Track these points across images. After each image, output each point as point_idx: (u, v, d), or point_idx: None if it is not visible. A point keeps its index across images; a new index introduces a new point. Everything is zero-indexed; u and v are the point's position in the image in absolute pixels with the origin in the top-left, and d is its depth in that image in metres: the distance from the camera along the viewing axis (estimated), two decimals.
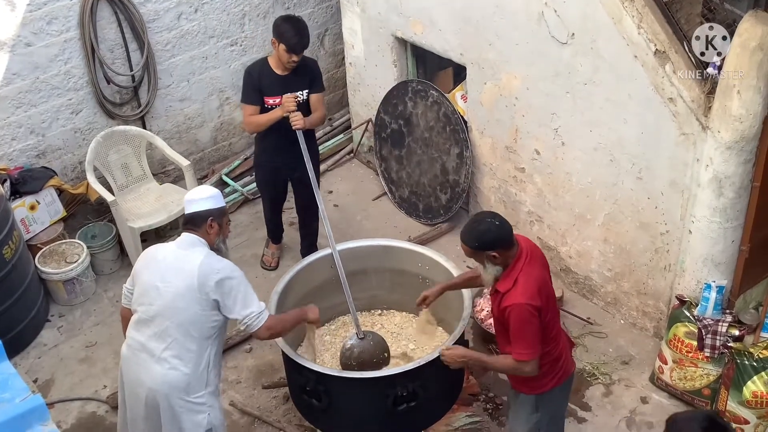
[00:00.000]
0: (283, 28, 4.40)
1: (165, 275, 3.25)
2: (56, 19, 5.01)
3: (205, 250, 3.27)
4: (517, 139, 4.85)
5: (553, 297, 3.32)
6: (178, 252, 3.28)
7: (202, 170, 6.10)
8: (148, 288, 3.29)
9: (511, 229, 3.21)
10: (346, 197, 5.93)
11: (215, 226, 3.32)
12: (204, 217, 3.29)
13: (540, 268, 3.27)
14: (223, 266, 3.24)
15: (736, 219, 3.90)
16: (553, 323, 3.31)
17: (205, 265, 3.21)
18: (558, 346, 3.34)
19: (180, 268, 3.23)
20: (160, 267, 3.28)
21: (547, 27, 4.30)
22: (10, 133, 5.09)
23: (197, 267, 3.20)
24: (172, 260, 3.27)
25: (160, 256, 3.32)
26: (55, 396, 4.46)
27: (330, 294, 4.34)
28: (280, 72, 4.54)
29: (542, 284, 3.22)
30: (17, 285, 4.63)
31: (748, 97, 3.55)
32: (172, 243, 3.36)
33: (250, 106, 4.57)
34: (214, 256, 3.28)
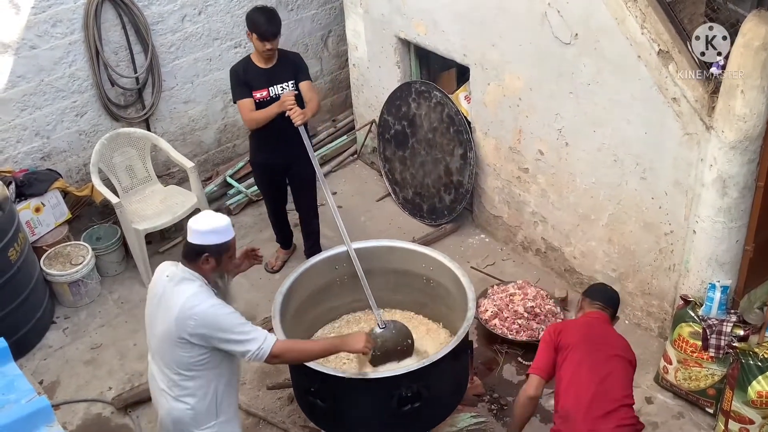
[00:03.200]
0: (254, 18, 4.46)
1: (155, 314, 3.11)
2: (61, 22, 5.03)
3: (192, 288, 3.03)
4: (520, 140, 4.85)
5: (584, 341, 3.36)
6: (168, 286, 3.08)
7: (206, 172, 6.12)
8: (147, 322, 3.20)
9: (607, 295, 3.64)
10: (350, 198, 5.94)
11: (211, 261, 3.08)
12: (198, 251, 3.06)
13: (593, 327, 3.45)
14: (203, 310, 2.98)
15: (740, 219, 3.89)
16: (578, 362, 3.30)
17: (186, 309, 2.98)
18: (560, 411, 3.29)
19: (165, 307, 3.05)
20: (153, 303, 3.14)
21: (550, 27, 4.30)
22: (15, 135, 5.11)
23: (177, 310, 2.99)
24: (162, 296, 3.09)
25: (157, 290, 3.13)
26: (61, 397, 4.47)
27: (335, 295, 4.35)
28: (263, 65, 4.57)
29: (577, 324, 3.46)
30: (23, 287, 4.64)
31: (752, 97, 3.54)
32: (170, 271, 3.15)
33: (246, 100, 4.58)
34: (199, 295, 3.01)
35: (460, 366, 3.84)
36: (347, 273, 4.25)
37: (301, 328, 4.23)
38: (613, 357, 3.32)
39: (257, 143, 4.79)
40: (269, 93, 4.58)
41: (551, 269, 5.09)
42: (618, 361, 3.33)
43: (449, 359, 3.60)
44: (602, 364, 3.28)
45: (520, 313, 4.55)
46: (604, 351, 3.33)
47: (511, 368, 4.47)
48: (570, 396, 3.25)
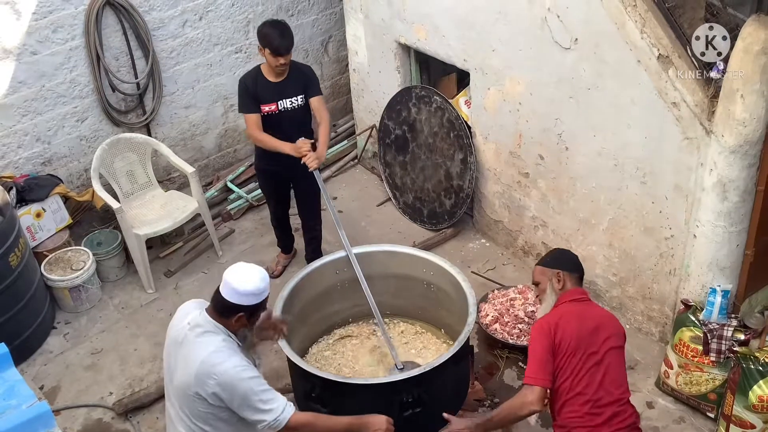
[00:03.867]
0: (266, 33, 4.42)
1: (174, 362, 2.98)
2: (62, 28, 5.04)
3: (216, 342, 2.89)
4: (521, 144, 4.85)
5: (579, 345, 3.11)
6: (190, 336, 2.93)
7: (207, 177, 6.12)
8: (165, 364, 3.06)
9: (579, 264, 3.40)
10: (351, 203, 5.94)
11: (243, 320, 2.95)
12: (233, 309, 2.91)
13: (583, 319, 3.17)
14: (226, 369, 2.84)
15: (740, 223, 3.89)
16: (574, 371, 3.10)
17: (206, 365, 2.84)
18: (580, 410, 3.08)
19: (185, 358, 2.92)
20: (172, 349, 3.00)
21: (550, 32, 4.31)
22: (16, 141, 5.11)
23: (197, 366, 2.85)
24: (183, 345, 2.95)
25: (177, 335, 2.98)
26: (62, 403, 4.47)
27: (336, 300, 4.35)
28: (273, 79, 4.56)
29: (570, 322, 3.14)
30: (23, 292, 4.64)
31: (752, 101, 3.55)
32: (192, 317, 2.99)
33: (252, 115, 4.57)
34: (221, 352, 2.87)
35: (461, 371, 3.84)
36: (348, 278, 4.25)
37: (302, 332, 4.23)
38: (608, 352, 3.14)
39: (262, 151, 4.78)
40: (278, 107, 4.57)
41: None
42: (612, 355, 3.15)
43: (450, 364, 3.60)
44: (598, 367, 3.13)
45: (521, 318, 4.55)
46: (597, 346, 3.13)
47: (512, 373, 4.46)
48: (570, 408, 3.12)
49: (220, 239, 5.58)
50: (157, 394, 4.39)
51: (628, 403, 3.20)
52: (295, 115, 4.62)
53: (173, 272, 5.37)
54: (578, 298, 3.27)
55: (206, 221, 5.41)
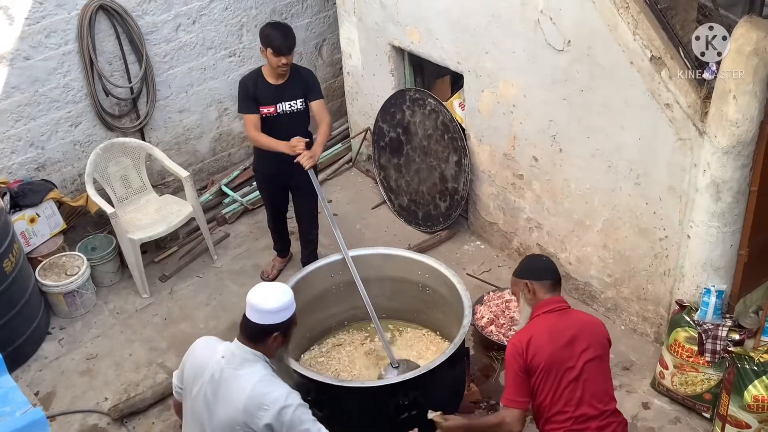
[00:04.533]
0: (267, 33, 4.44)
1: (215, 400, 2.83)
2: (55, 33, 5.03)
3: (259, 371, 2.80)
4: (515, 146, 4.86)
5: (553, 363, 3.00)
6: (227, 369, 2.81)
7: (201, 181, 6.12)
8: (195, 410, 2.89)
9: (550, 269, 3.21)
10: (345, 206, 5.94)
11: (280, 339, 2.85)
12: (269, 332, 2.81)
13: (556, 333, 3.03)
14: (276, 397, 2.74)
15: (734, 223, 3.91)
16: (551, 389, 3.01)
17: (256, 396, 2.74)
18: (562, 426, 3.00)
19: (228, 392, 2.79)
20: (208, 390, 2.85)
21: (543, 34, 4.32)
22: (9, 146, 5.10)
23: (245, 398, 2.74)
24: (223, 380, 2.82)
25: (211, 371, 2.85)
26: (57, 409, 4.45)
27: (332, 302, 4.36)
28: (273, 81, 4.56)
29: (541, 338, 3.02)
30: (18, 298, 4.63)
31: (745, 102, 3.56)
32: (224, 349, 2.88)
33: (252, 115, 4.58)
34: (268, 379, 2.79)
35: (456, 373, 3.84)
36: (344, 281, 4.25)
37: (298, 335, 4.23)
38: (586, 365, 3.02)
39: (261, 152, 4.78)
40: (276, 109, 4.58)
41: None
42: (591, 368, 3.03)
43: (446, 367, 3.60)
44: (576, 383, 3.00)
45: (517, 320, 4.55)
46: (574, 361, 3.01)
47: None
48: (553, 426, 3.06)
49: (214, 243, 5.57)
50: (153, 399, 4.38)
51: (614, 413, 3.09)
52: (294, 118, 4.62)
53: (168, 277, 5.36)
54: (553, 309, 3.11)
55: (201, 225, 5.41)
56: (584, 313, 3.30)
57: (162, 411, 4.38)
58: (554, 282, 3.20)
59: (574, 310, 3.20)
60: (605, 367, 3.11)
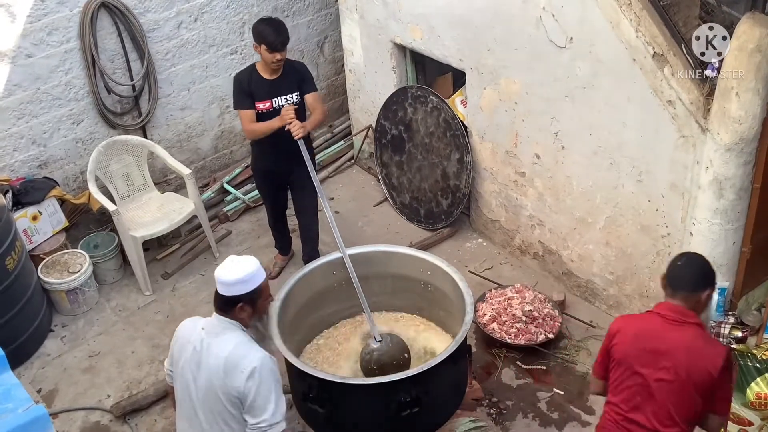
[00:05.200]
0: (260, 29, 4.42)
1: (197, 371, 2.98)
2: (56, 30, 5.03)
3: (237, 336, 2.96)
4: (517, 144, 4.85)
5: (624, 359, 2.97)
6: (207, 338, 2.98)
7: (203, 179, 6.12)
8: (184, 384, 3.04)
9: (681, 277, 2.96)
10: (347, 204, 5.94)
11: (247, 309, 2.99)
12: (232, 302, 2.97)
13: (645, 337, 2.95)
14: (250, 360, 2.88)
15: (736, 221, 3.90)
16: (616, 380, 3.03)
17: (233, 358, 2.89)
18: (611, 415, 3.06)
19: (208, 362, 2.94)
20: (192, 362, 3.00)
21: (545, 31, 4.32)
22: (11, 144, 5.11)
23: (224, 360, 2.90)
24: (201, 351, 2.97)
25: (193, 344, 3.00)
26: (59, 406, 4.46)
27: (332, 300, 4.35)
28: (267, 76, 4.55)
29: (627, 334, 2.98)
30: (20, 295, 4.63)
31: (747, 99, 3.56)
32: (204, 323, 3.05)
33: (247, 111, 4.57)
34: (245, 344, 2.95)
35: (458, 370, 3.84)
36: (345, 278, 4.24)
37: (299, 333, 4.23)
38: (658, 382, 2.91)
39: (259, 150, 4.78)
40: (272, 104, 4.57)
41: (549, 272, 5.10)
42: (663, 387, 2.90)
43: (448, 364, 3.59)
44: (640, 389, 2.96)
45: (518, 317, 4.55)
46: (647, 370, 2.93)
47: (509, 372, 4.46)
48: (608, 408, 3.11)
49: (217, 241, 5.57)
50: (155, 396, 4.39)
51: None
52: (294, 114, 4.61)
53: (170, 274, 5.36)
54: (662, 313, 2.95)
55: (203, 223, 5.41)
56: (697, 338, 2.90)
57: (164, 408, 4.39)
58: (676, 290, 2.95)
59: (686, 329, 2.90)
60: (685, 395, 2.90)
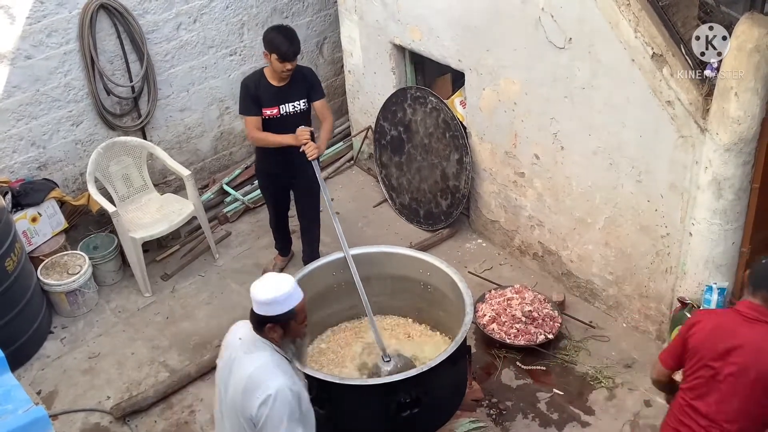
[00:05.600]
0: (272, 38, 4.40)
1: (227, 380, 2.91)
2: (56, 32, 5.03)
3: (263, 357, 2.83)
4: (516, 144, 4.86)
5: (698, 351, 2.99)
6: (239, 352, 2.89)
7: (202, 180, 6.12)
8: (219, 383, 3.00)
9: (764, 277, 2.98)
10: (347, 204, 5.94)
11: (278, 330, 2.86)
12: (261, 322, 2.86)
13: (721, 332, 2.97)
14: (267, 387, 2.75)
15: (736, 221, 3.90)
16: (688, 371, 3.04)
17: (253, 380, 2.78)
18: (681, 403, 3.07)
19: (235, 376, 2.86)
20: (225, 367, 2.94)
21: (544, 32, 4.32)
22: (11, 145, 5.10)
23: (245, 380, 2.80)
24: (235, 361, 2.90)
25: (230, 350, 2.94)
26: (59, 407, 4.46)
27: (332, 301, 4.35)
28: (276, 83, 4.54)
29: (704, 329, 2.99)
30: (20, 297, 4.63)
31: (746, 99, 3.56)
32: (243, 333, 2.96)
33: (253, 117, 4.56)
34: (268, 367, 2.81)
35: (458, 371, 3.84)
36: (345, 279, 4.24)
37: None
38: (729, 377, 2.92)
39: (263, 152, 4.76)
40: (279, 111, 4.56)
41: (548, 273, 5.10)
42: (733, 383, 2.92)
43: (448, 364, 3.60)
44: (710, 381, 2.97)
45: (518, 318, 4.55)
46: (719, 363, 2.94)
47: (509, 373, 4.46)
48: (680, 395, 3.13)
49: (216, 242, 5.57)
50: (155, 398, 4.39)
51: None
52: (297, 118, 4.61)
53: (170, 275, 5.36)
54: (740, 310, 2.97)
55: (202, 224, 5.41)
56: None
57: (164, 409, 4.39)
58: (756, 288, 2.97)
59: (760, 326, 2.92)
60: (752, 393, 2.91)
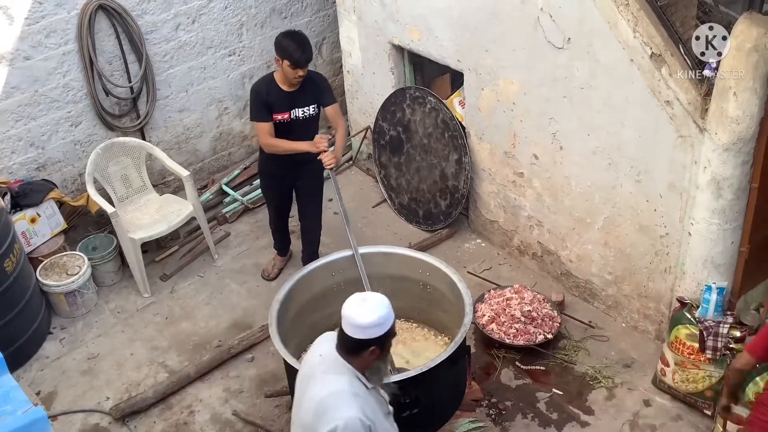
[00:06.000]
0: (285, 44, 4.36)
1: (302, 396, 2.85)
2: (54, 33, 5.03)
3: (340, 383, 2.74)
4: (515, 144, 4.86)
5: None
6: (317, 371, 2.81)
7: (201, 180, 6.12)
8: (297, 391, 2.94)
9: None
10: (346, 205, 5.91)
11: (377, 351, 2.75)
12: (365, 346, 2.73)
13: None
14: (337, 417, 2.65)
15: (735, 220, 3.91)
16: None
17: (323, 406, 2.69)
18: None
19: (308, 395, 2.79)
20: (303, 384, 2.88)
21: (543, 32, 4.32)
22: (10, 146, 5.10)
23: (316, 403, 2.72)
24: (312, 379, 2.83)
25: (309, 365, 2.88)
26: (58, 408, 4.46)
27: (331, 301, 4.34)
28: (286, 88, 4.52)
29: None
30: (19, 298, 4.63)
31: (745, 99, 3.56)
32: (325, 349, 2.87)
33: (266, 124, 4.54)
34: (343, 395, 2.70)
35: (458, 371, 3.84)
36: (345, 279, 4.25)
37: (299, 335, 4.23)
38: None
39: (268, 154, 4.75)
40: (290, 115, 4.55)
41: (548, 273, 5.10)
42: None
43: (447, 365, 3.60)
44: None
45: (517, 318, 4.55)
46: None
47: (509, 372, 4.46)
48: None
49: (215, 242, 5.57)
50: (154, 399, 4.39)
51: None
52: (305, 123, 4.61)
53: (169, 276, 5.36)
54: None
55: (201, 225, 5.41)
56: None
57: (163, 410, 4.38)
58: None
59: None
60: None
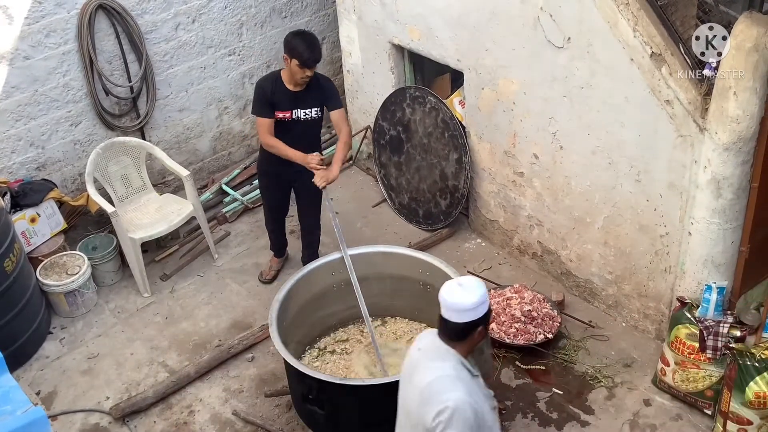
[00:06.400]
0: (294, 44, 4.36)
1: (409, 379, 2.83)
2: (54, 32, 5.03)
3: (446, 368, 2.72)
4: (515, 144, 4.86)
5: None
6: (422, 360, 2.80)
7: (201, 180, 6.12)
8: (402, 380, 2.92)
9: None
10: (346, 204, 5.94)
11: (483, 331, 2.77)
12: (474, 327, 2.74)
13: None
14: (446, 399, 2.63)
15: (735, 220, 3.90)
16: None
17: (432, 390, 2.68)
18: None
19: (415, 383, 2.77)
20: (409, 367, 2.87)
21: (543, 32, 4.32)
22: (9, 146, 5.10)
23: (424, 387, 2.71)
24: (416, 369, 2.81)
25: (411, 359, 2.87)
26: (58, 408, 4.45)
27: (332, 301, 4.36)
28: (292, 88, 4.51)
29: None
30: (19, 298, 4.63)
31: (745, 98, 3.56)
32: (424, 343, 2.86)
33: (266, 120, 4.54)
34: (448, 379, 2.69)
35: None
36: (344, 280, 4.25)
37: (299, 334, 4.23)
38: None
39: (267, 153, 4.75)
40: (292, 114, 4.54)
41: (548, 272, 5.10)
42: None
43: None
44: None
45: (517, 317, 4.55)
46: None
47: (509, 372, 4.46)
48: None
49: (215, 242, 5.57)
50: (154, 398, 4.39)
51: None
52: (307, 125, 4.60)
53: (169, 276, 5.36)
54: None
55: (201, 224, 5.41)
56: None
57: (163, 410, 4.38)
58: None
59: None
60: None
